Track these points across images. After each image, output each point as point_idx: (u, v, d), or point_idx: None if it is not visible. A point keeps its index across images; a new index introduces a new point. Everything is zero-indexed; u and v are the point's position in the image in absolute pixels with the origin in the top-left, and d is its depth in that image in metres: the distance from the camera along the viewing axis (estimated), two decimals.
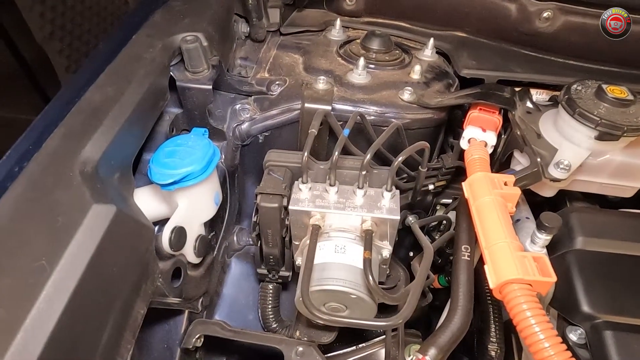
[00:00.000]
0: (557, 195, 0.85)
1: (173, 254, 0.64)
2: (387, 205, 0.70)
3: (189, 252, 0.68)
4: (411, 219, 1.00)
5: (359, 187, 0.70)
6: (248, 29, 0.96)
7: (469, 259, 0.66)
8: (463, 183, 0.67)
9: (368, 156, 0.67)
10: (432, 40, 0.98)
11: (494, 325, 0.82)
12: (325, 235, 0.71)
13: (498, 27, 0.96)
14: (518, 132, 0.76)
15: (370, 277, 0.61)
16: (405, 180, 0.89)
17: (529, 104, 0.85)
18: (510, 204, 0.63)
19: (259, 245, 0.78)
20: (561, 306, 0.73)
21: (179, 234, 0.63)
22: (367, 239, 0.67)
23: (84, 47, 2.17)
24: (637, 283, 0.70)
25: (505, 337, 0.81)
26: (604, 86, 0.73)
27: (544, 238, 0.71)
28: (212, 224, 0.80)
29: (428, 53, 0.98)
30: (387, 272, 0.83)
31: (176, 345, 0.72)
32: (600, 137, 0.70)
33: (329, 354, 0.80)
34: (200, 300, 0.77)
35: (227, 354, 0.88)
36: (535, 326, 0.46)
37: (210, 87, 0.74)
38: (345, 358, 0.77)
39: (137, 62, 0.68)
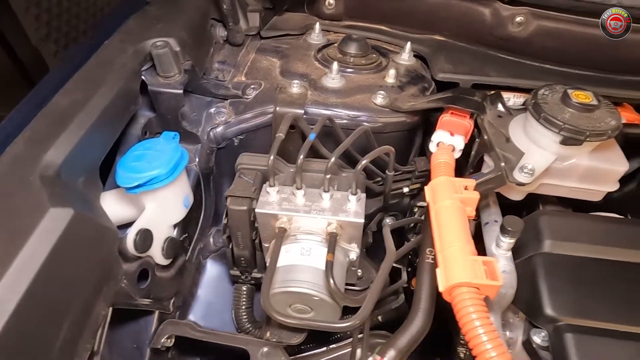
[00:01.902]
0: (534, 198, 0.86)
1: (139, 256, 0.65)
2: (353, 208, 0.70)
3: (157, 254, 0.69)
4: (388, 221, 1.01)
5: (324, 191, 0.71)
6: (226, 33, 0.98)
7: (432, 261, 0.67)
8: (425, 187, 0.68)
9: (332, 159, 0.68)
10: (409, 44, 0.99)
11: None
12: (293, 237, 0.72)
13: (474, 31, 0.97)
14: (485, 137, 0.76)
15: (331, 280, 0.62)
16: (380, 183, 0.90)
17: (500, 108, 0.85)
18: (470, 207, 0.63)
19: (230, 247, 0.79)
20: (526, 309, 0.73)
21: (145, 236, 0.64)
22: (331, 241, 0.68)
23: None
24: (601, 286, 0.71)
25: None
26: (570, 91, 0.73)
27: (507, 241, 0.71)
28: (185, 226, 0.81)
29: (405, 57, 0.99)
30: (360, 274, 0.84)
31: (146, 345, 0.73)
32: (565, 142, 0.71)
33: (300, 355, 0.81)
34: (172, 301, 0.78)
35: (202, 355, 0.89)
36: (479, 328, 0.47)
37: (181, 91, 0.76)
38: (313, 359, 0.78)
39: (107, 67, 0.69)
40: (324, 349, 0.81)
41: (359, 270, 0.84)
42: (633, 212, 1.09)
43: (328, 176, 0.69)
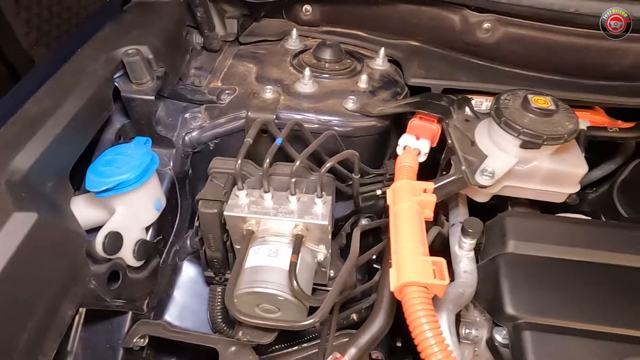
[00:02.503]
0: (506, 200, 0.88)
1: (109, 258, 0.67)
2: (319, 211, 0.73)
3: (128, 256, 0.71)
4: (364, 222, 1.03)
5: (291, 194, 0.73)
6: (202, 40, 1.00)
7: None
8: (387, 190, 0.70)
9: (297, 163, 0.71)
10: (382, 49, 1.01)
11: None
12: (261, 239, 0.74)
13: (445, 37, 0.99)
14: (449, 141, 0.79)
15: (294, 280, 0.65)
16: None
17: (468, 112, 0.88)
18: (428, 210, 0.65)
19: (203, 249, 0.81)
20: (489, 307, 0.75)
21: (114, 239, 0.66)
22: (296, 243, 0.70)
23: None
24: (562, 285, 0.73)
25: None
26: (530, 96, 0.75)
27: (468, 242, 0.74)
28: (160, 229, 0.83)
29: (379, 62, 1.02)
30: (332, 275, 0.86)
31: (119, 345, 0.75)
32: (524, 145, 0.73)
33: (271, 354, 0.83)
34: (146, 301, 0.80)
35: (178, 355, 0.91)
36: (425, 325, 0.49)
37: (153, 97, 0.78)
38: (282, 357, 0.80)
39: (79, 74, 0.71)
40: (296, 348, 0.83)
41: (331, 271, 0.86)
42: (606, 213, 1.11)
43: (294, 180, 0.71)
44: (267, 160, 0.71)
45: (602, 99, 0.91)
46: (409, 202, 0.64)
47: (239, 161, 0.71)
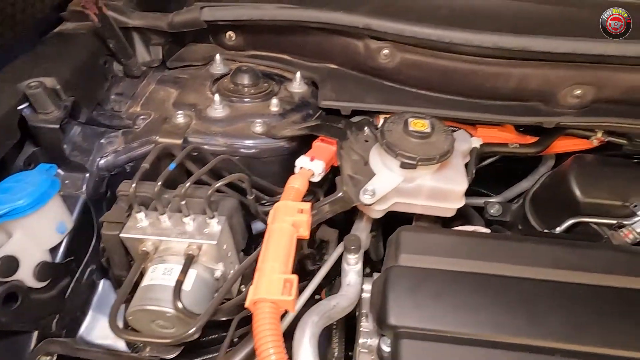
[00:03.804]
0: None
1: (4, 281, 0.71)
2: (211, 231, 0.77)
3: (28, 278, 0.75)
4: None
5: (184, 215, 0.77)
6: None
7: None
8: (270, 210, 0.75)
9: (187, 185, 0.76)
10: (298, 73, 1.07)
11: (338, 344, 0.90)
12: (159, 259, 0.78)
13: (356, 61, 1.05)
14: (339, 162, 0.84)
15: (178, 298, 0.69)
16: (269, 204, 0.97)
17: (367, 133, 0.93)
18: (302, 228, 0.70)
19: (110, 269, 0.85)
20: (377, 319, 0.80)
21: (8, 262, 0.70)
22: (186, 262, 0.74)
23: None
24: (443, 295, 0.77)
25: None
26: (410, 120, 0.81)
27: (351, 257, 0.78)
28: (73, 249, 0.87)
29: (296, 85, 1.07)
30: (243, 288, 0.90)
31: None
32: (403, 166, 0.79)
33: None
34: (55, 320, 0.83)
35: None
36: (268, 337, 0.53)
37: (58, 126, 0.82)
38: None
39: None
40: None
41: (242, 286, 0.90)
42: (522, 224, 1.17)
43: (183, 202, 0.75)
44: (159, 184, 0.75)
45: (498, 118, 0.97)
46: (281, 222, 0.68)
47: (134, 185, 0.76)
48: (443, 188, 0.82)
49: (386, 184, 0.81)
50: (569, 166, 1.00)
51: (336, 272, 0.85)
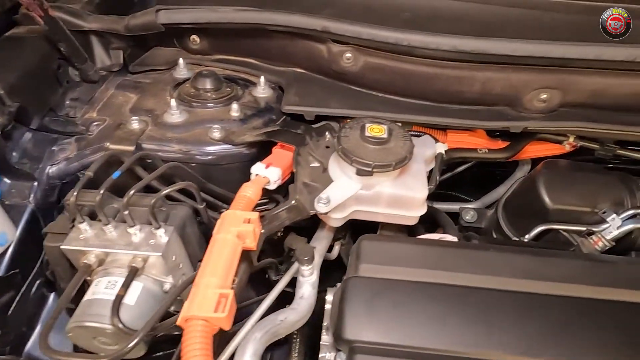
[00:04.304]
0: None
1: None
2: (156, 242, 0.73)
3: None
4: None
5: (129, 225, 0.73)
6: None
7: None
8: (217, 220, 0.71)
9: (131, 193, 0.72)
10: (262, 77, 1.04)
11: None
12: (104, 271, 0.74)
13: (320, 65, 1.02)
14: (294, 169, 0.81)
15: (116, 314, 0.65)
16: None
17: (329, 139, 0.90)
18: (249, 239, 0.67)
19: (56, 282, 0.81)
20: (333, 333, 0.76)
21: None
22: (128, 275, 0.70)
23: None
24: (402, 307, 0.73)
25: None
26: (367, 125, 0.78)
27: (305, 269, 0.75)
28: (18, 261, 0.83)
29: (260, 89, 1.04)
30: None
31: None
32: (359, 173, 0.76)
33: None
34: None
35: None
36: (197, 357, 0.50)
37: None
38: None
39: None
40: None
41: None
42: (496, 231, 1.14)
43: (126, 212, 0.72)
44: (101, 192, 0.72)
45: (465, 123, 0.95)
46: (226, 232, 0.65)
47: (75, 193, 0.72)
48: (403, 195, 0.79)
49: (342, 191, 0.78)
50: (539, 172, 0.98)
51: None
